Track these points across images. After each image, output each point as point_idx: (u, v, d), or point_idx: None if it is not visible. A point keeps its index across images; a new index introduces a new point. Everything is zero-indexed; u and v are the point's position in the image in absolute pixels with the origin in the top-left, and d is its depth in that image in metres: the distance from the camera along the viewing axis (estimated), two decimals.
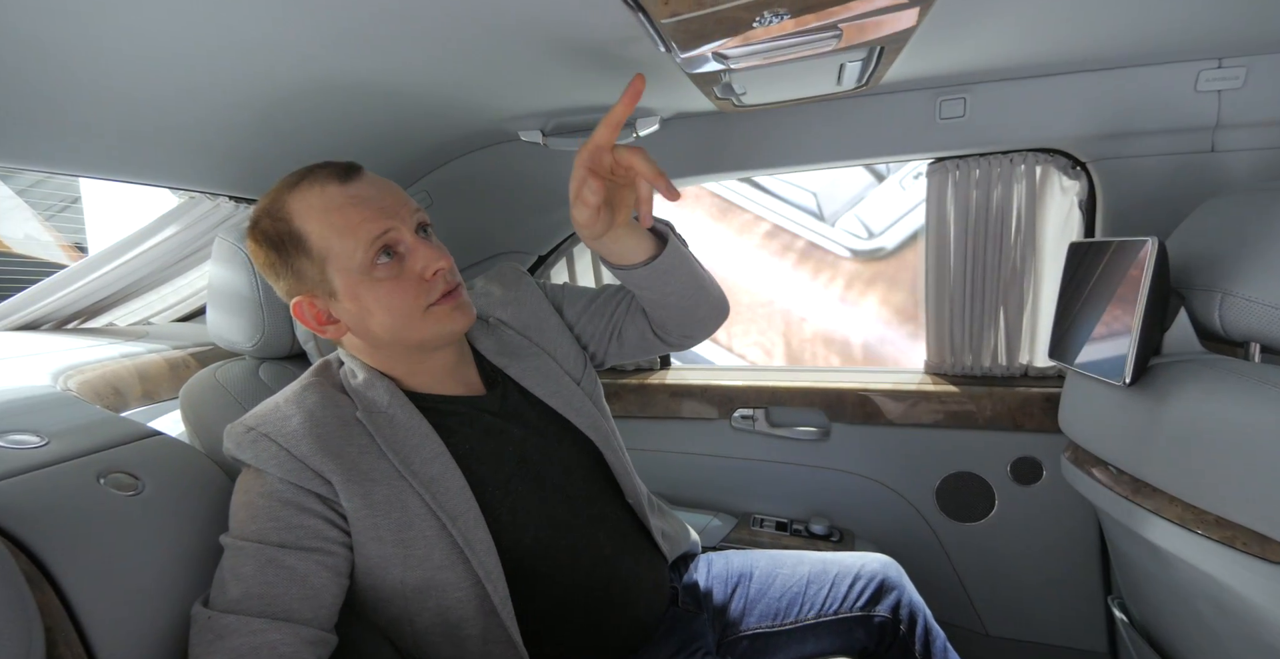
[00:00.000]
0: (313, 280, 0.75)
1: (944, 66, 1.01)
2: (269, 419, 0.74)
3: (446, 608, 0.75)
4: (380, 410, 0.78)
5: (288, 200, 0.75)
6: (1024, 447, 1.34)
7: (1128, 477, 0.91)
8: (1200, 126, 1.05)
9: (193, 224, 1.04)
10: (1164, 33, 0.91)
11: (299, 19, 0.62)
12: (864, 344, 3.70)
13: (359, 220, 0.72)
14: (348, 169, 0.76)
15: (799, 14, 0.57)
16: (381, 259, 0.73)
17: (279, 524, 0.68)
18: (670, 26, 0.56)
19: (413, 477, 0.74)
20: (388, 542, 0.73)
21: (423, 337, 0.78)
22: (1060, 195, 1.23)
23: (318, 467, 0.71)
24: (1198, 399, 0.78)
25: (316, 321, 0.78)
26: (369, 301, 0.74)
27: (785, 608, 1.03)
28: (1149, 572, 0.98)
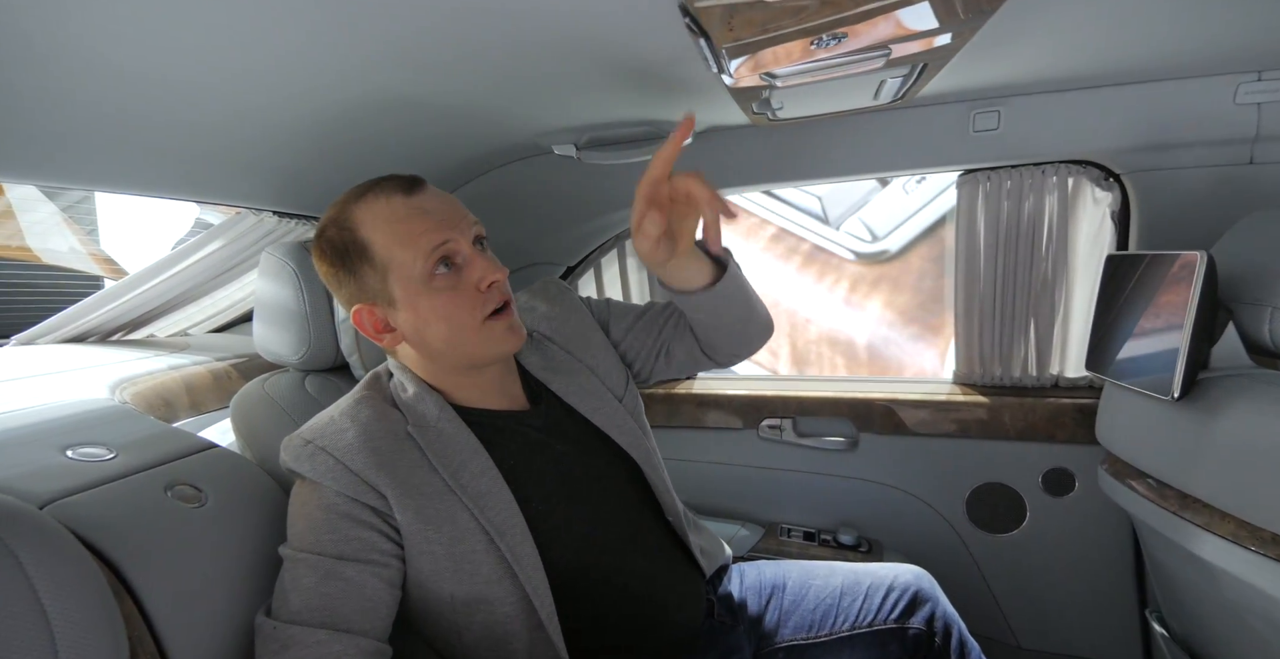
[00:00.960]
0: (374, 289, 0.77)
1: (979, 80, 1.01)
2: (325, 433, 0.75)
3: (494, 622, 0.75)
4: (430, 425, 0.78)
5: (354, 211, 0.77)
6: (1056, 457, 1.32)
7: (1174, 491, 0.90)
8: (1239, 138, 1.04)
9: (236, 239, 1.06)
10: (1203, 47, 0.90)
11: (344, 40, 0.63)
12: (868, 345, 3.72)
13: (421, 231, 0.74)
14: (412, 182, 0.78)
15: (855, 36, 0.57)
16: (440, 269, 0.75)
17: (336, 536, 0.69)
18: (730, 50, 0.56)
19: (462, 491, 0.75)
20: (439, 555, 0.73)
21: (475, 352, 0.79)
22: (1093, 206, 1.22)
23: (373, 481, 0.72)
24: (1251, 414, 0.77)
25: (374, 329, 0.79)
26: (426, 311, 0.76)
27: (820, 619, 1.02)
28: (1194, 586, 0.96)
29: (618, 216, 1.43)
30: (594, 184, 1.35)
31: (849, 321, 3.76)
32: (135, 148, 0.79)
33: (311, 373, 0.96)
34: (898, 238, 3.66)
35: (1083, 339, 1.30)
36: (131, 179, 0.85)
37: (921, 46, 0.65)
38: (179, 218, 3.25)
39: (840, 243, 3.73)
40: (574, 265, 1.57)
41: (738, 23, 0.50)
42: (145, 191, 0.90)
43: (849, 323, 3.75)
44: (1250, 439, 0.76)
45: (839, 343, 3.73)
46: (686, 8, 0.52)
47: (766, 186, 1.34)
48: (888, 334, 3.60)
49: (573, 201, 1.38)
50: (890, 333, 3.62)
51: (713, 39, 0.54)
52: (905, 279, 3.66)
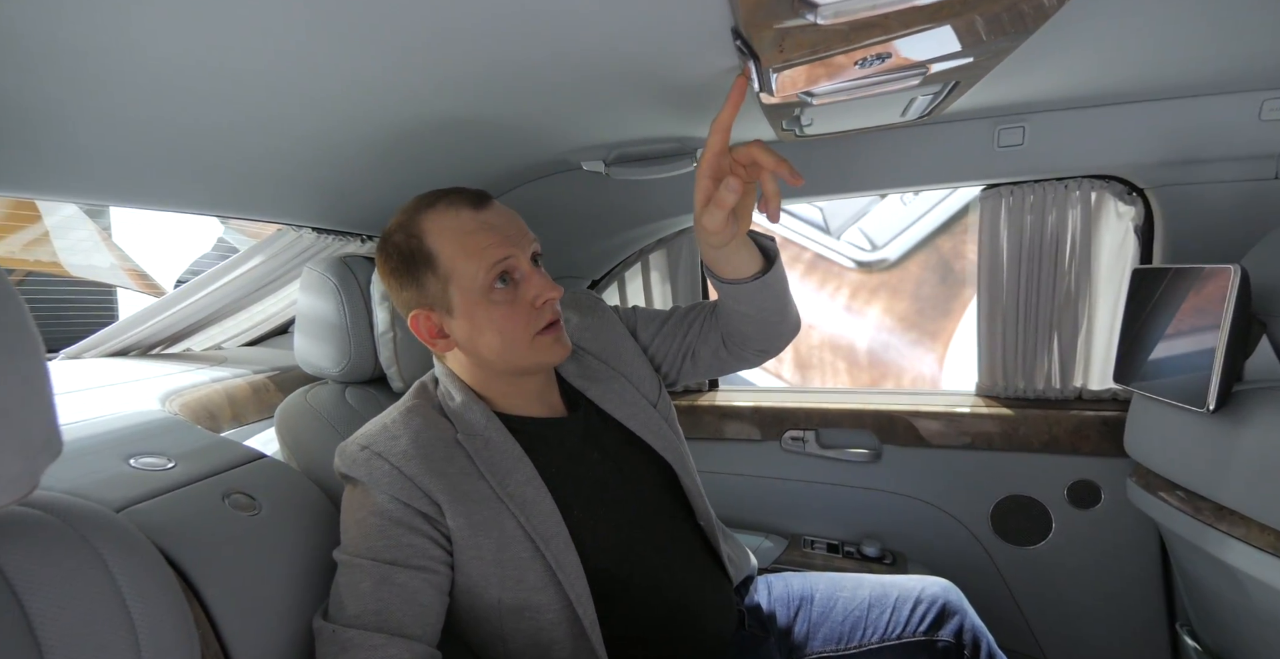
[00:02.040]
0: (434, 296, 0.79)
1: (1005, 96, 1.02)
2: (379, 439, 0.76)
3: (539, 629, 0.76)
4: (478, 433, 0.80)
5: (422, 219, 0.79)
6: (1081, 470, 1.31)
7: (1209, 503, 0.89)
8: (1264, 154, 1.04)
9: (276, 255, 1.08)
10: (1227, 64, 0.91)
11: (387, 59, 0.64)
12: (868, 350, 3.77)
13: (485, 245, 0.77)
14: (480, 196, 0.81)
15: (897, 56, 0.58)
16: (499, 284, 0.78)
17: (390, 542, 0.70)
18: (777, 70, 0.57)
19: (509, 499, 0.76)
20: (488, 561, 0.74)
21: (524, 362, 0.81)
22: (1115, 221, 1.23)
23: (425, 486, 0.73)
24: None
25: (429, 334, 0.81)
26: (482, 321, 0.78)
27: (849, 632, 1.02)
28: (1229, 598, 0.95)
29: (642, 231, 1.45)
30: (620, 199, 1.37)
31: (850, 328, 3.79)
32: (183, 165, 0.80)
33: (351, 385, 0.98)
34: (896, 247, 3.72)
35: (1106, 352, 1.30)
36: (175, 196, 0.87)
37: (958, 64, 0.66)
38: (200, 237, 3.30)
39: (841, 252, 3.80)
40: (598, 279, 1.58)
41: (789, 45, 0.52)
42: (188, 209, 0.92)
43: (850, 329, 3.78)
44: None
45: (840, 348, 3.78)
46: (739, 31, 0.53)
47: (792, 202, 1.35)
48: (887, 340, 3.64)
49: (599, 216, 1.40)
50: (890, 338, 3.65)
51: (762, 61, 0.55)
52: (904, 287, 3.71)
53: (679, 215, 1.39)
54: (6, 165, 0.69)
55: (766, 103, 0.79)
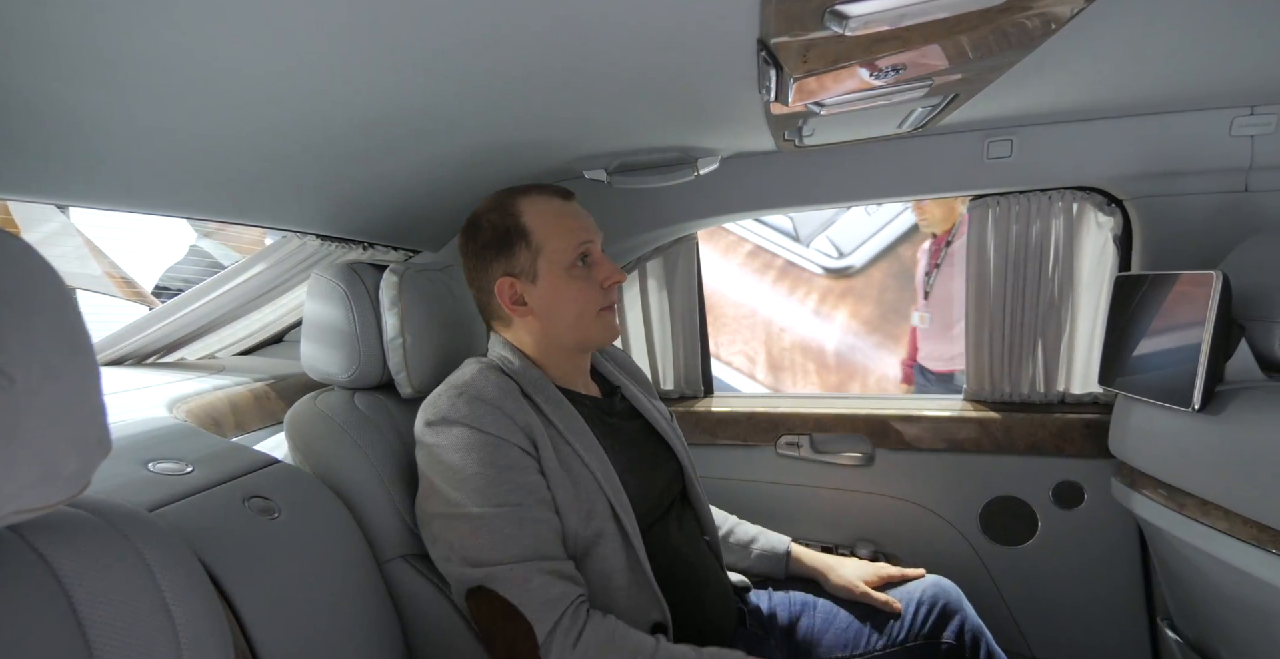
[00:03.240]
0: (522, 266, 0.90)
1: (995, 111, 1.06)
2: (470, 387, 0.84)
3: (604, 557, 0.83)
4: (540, 390, 0.89)
5: (518, 202, 0.91)
6: (1066, 471, 1.35)
7: (1194, 498, 0.93)
8: (1235, 168, 1.09)
9: (278, 262, 1.07)
10: (1200, 82, 0.95)
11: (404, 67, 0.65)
12: (835, 352, 3.91)
13: (574, 228, 0.90)
14: (567, 192, 0.95)
15: (911, 68, 0.61)
16: (579, 262, 0.90)
17: (512, 486, 0.79)
18: (797, 81, 0.59)
19: (574, 442, 0.86)
20: (569, 492, 0.83)
21: (588, 334, 0.92)
22: (1096, 231, 1.27)
23: (523, 423, 0.82)
24: (1267, 422, 0.80)
25: (510, 301, 0.91)
26: (563, 292, 0.90)
27: (854, 637, 1.03)
28: (1211, 591, 0.98)
29: (641, 239, 1.46)
30: (619, 208, 1.38)
31: (818, 331, 4.00)
32: (189, 171, 0.80)
33: (359, 391, 0.97)
34: (862, 255, 3.90)
35: (1087, 357, 1.35)
36: (178, 201, 0.86)
37: (962, 77, 0.69)
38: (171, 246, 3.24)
39: (810, 259, 3.96)
40: None
41: (813, 56, 0.54)
42: (190, 214, 0.91)
43: (818, 332, 4.00)
44: (1267, 446, 0.80)
45: (810, 350, 4.00)
46: (765, 41, 0.55)
47: (788, 210, 1.38)
48: (853, 342, 3.84)
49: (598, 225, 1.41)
50: (856, 341, 3.85)
51: (785, 71, 0.57)
52: (869, 292, 3.87)
53: (678, 224, 1.41)
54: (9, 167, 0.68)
55: (777, 113, 0.82)
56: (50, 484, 0.36)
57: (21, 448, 0.34)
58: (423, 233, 1.28)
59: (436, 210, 1.20)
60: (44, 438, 0.35)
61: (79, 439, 0.37)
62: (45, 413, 0.35)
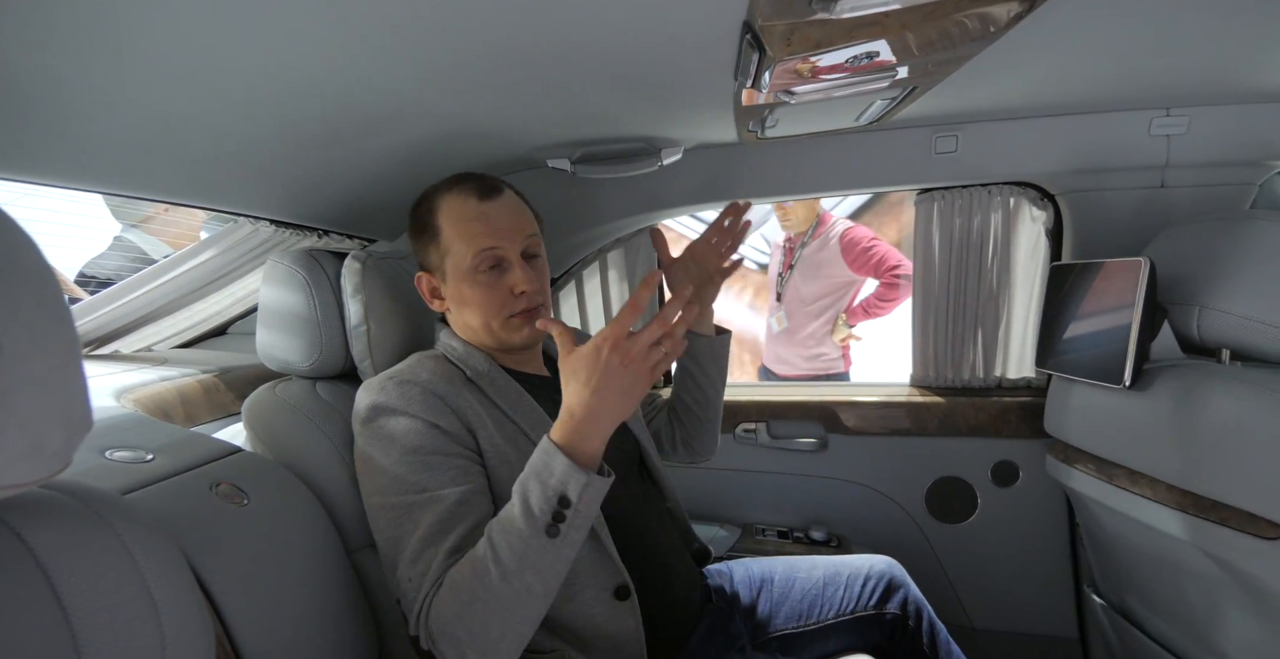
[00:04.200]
0: (434, 264, 0.90)
1: (943, 107, 1.11)
2: (403, 372, 0.82)
3: None
4: (484, 374, 0.88)
5: (439, 198, 0.89)
6: (1003, 451, 1.43)
7: (1123, 469, 1.00)
8: (1153, 165, 1.18)
9: (229, 249, 1.01)
10: (1124, 84, 1.03)
11: (368, 48, 0.63)
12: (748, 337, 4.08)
13: (477, 233, 0.86)
14: (492, 188, 0.89)
15: (884, 54, 0.63)
16: (484, 267, 0.86)
17: (437, 472, 0.76)
18: (777, 65, 0.60)
19: (522, 420, 0.86)
20: (514, 468, 0.78)
21: (499, 338, 0.90)
22: (1030, 224, 1.35)
23: (456, 406, 0.81)
24: (1189, 397, 0.87)
25: (429, 294, 0.92)
26: (466, 296, 0.87)
27: (808, 609, 1.07)
28: (1136, 555, 1.06)
29: (602, 230, 1.46)
30: (582, 198, 1.38)
31: (753, 324, 4.13)
32: (141, 148, 0.75)
33: (321, 380, 0.93)
34: None
35: (1022, 343, 1.43)
36: (131, 180, 0.81)
37: (926, 67, 0.72)
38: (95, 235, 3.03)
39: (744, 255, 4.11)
40: (556, 278, 1.58)
41: (796, 39, 0.55)
42: (144, 193, 0.86)
43: (753, 325, 4.13)
44: (1190, 419, 0.87)
45: (745, 342, 4.14)
46: (751, 24, 0.56)
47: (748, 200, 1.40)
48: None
49: (560, 215, 1.40)
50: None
51: (768, 55, 0.58)
52: None
53: (641, 214, 1.41)
54: None
55: (747, 103, 0.83)
56: (37, 459, 0.34)
57: (10, 417, 0.32)
58: (379, 221, 1.24)
59: (395, 198, 1.16)
60: (32, 409, 0.33)
61: (65, 413, 0.35)
62: (33, 383, 0.33)
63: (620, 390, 0.68)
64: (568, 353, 0.71)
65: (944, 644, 1.05)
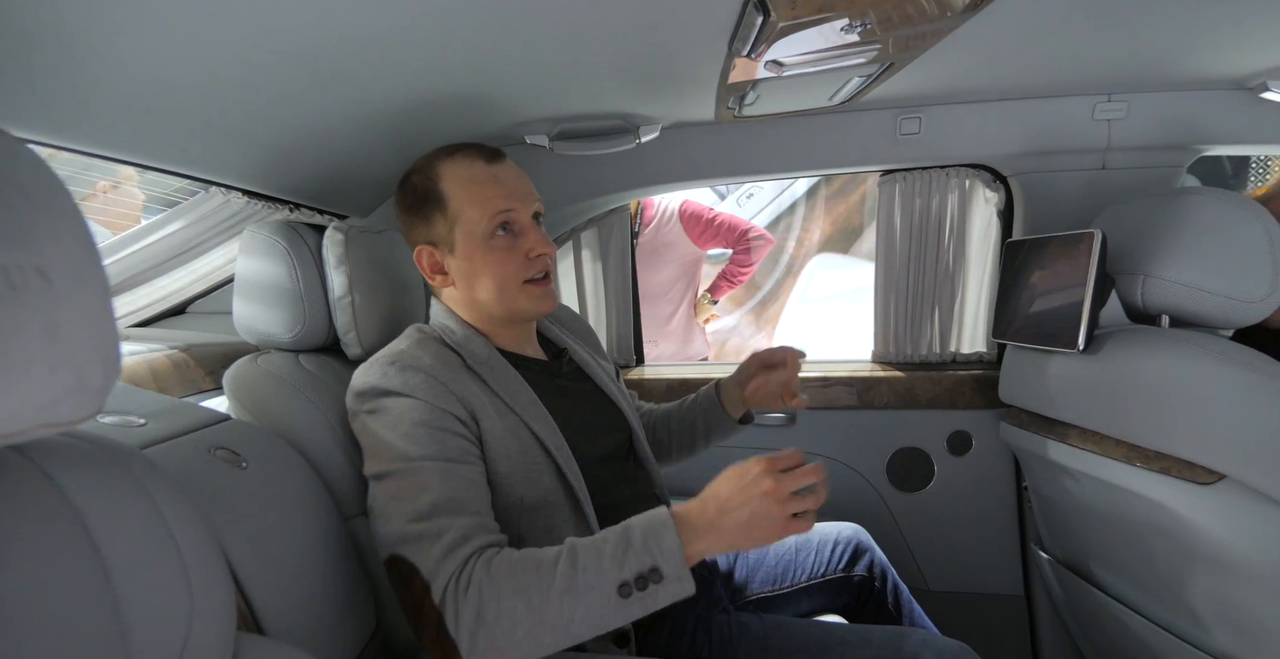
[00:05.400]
0: (440, 234, 0.85)
1: (907, 89, 1.15)
2: (404, 356, 0.80)
3: (553, 526, 0.82)
4: (483, 361, 0.86)
5: (441, 165, 0.86)
6: (958, 422, 1.50)
7: (1075, 429, 1.07)
8: (1095, 148, 1.26)
9: (199, 220, 0.96)
10: (1071, 69, 1.09)
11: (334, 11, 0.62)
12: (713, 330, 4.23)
13: (491, 196, 0.84)
14: (495, 153, 0.88)
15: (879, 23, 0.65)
16: (499, 232, 0.84)
17: (442, 446, 0.74)
18: (781, 30, 0.62)
19: (522, 411, 0.83)
20: (514, 461, 0.80)
21: (513, 307, 0.87)
22: (984, 205, 1.42)
23: (459, 392, 0.79)
24: (1135, 359, 0.94)
25: (431, 269, 0.88)
26: (480, 264, 0.85)
27: (782, 573, 1.12)
28: (1082, 511, 1.14)
29: (577, 208, 1.46)
30: (560, 175, 1.37)
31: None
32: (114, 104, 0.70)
33: (303, 352, 0.90)
34: None
35: (975, 320, 1.50)
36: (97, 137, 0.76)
37: (904, 42, 0.75)
38: None
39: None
40: None
41: (802, 3, 0.56)
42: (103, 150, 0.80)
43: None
44: (1135, 378, 0.94)
45: None
46: None
47: (724, 181, 1.43)
48: (726, 321, 4.12)
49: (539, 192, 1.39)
50: (729, 320, 4.15)
51: (772, 17, 0.59)
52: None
53: (617, 192, 1.41)
54: None
55: (733, 79, 0.85)
56: (81, 397, 0.33)
57: (61, 354, 0.31)
58: (353, 196, 1.20)
59: (367, 171, 1.13)
60: (78, 346, 0.32)
61: (103, 352, 0.34)
62: (79, 320, 0.32)
63: (750, 514, 0.66)
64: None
65: (906, 603, 1.11)
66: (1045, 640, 1.45)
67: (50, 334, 0.32)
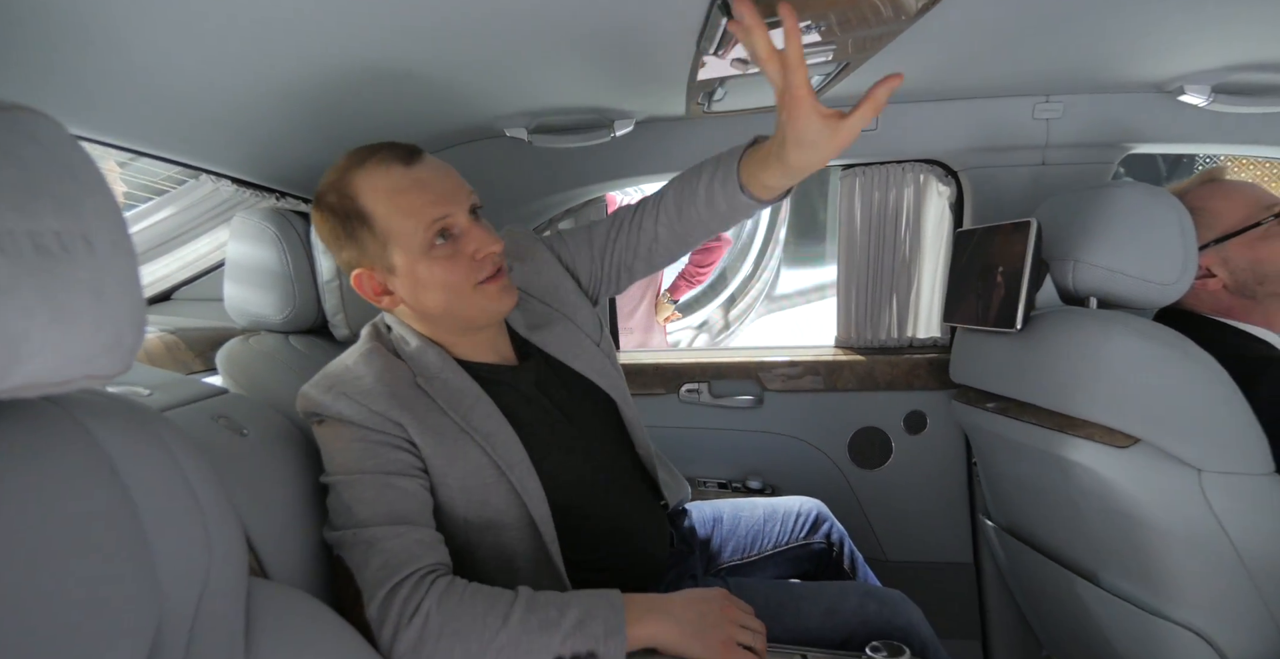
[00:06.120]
0: (374, 255, 0.78)
1: (864, 87, 1.21)
2: (343, 379, 0.78)
3: (503, 544, 0.82)
4: (435, 375, 0.82)
5: (354, 178, 0.77)
6: (913, 403, 1.58)
7: (1014, 402, 1.15)
8: (1036, 145, 1.35)
9: (189, 207, 0.99)
10: (1014, 72, 1.17)
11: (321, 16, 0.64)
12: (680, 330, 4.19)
13: (421, 204, 0.75)
14: (411, 151, 0.78)
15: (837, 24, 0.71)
16: (439, 240, 0.77)
17: (380, 460, 0.74)
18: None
19: (474, 431, 0.80)
20: (454, 488, 0.78)
21: (471, 313, 0.82)
22: (937, 198, 1.50)
23: (395, 417, 0.76)
24: (1064, 337, 1.03)
25: (374, 293, 0.81)
26: (425, 278, 0.77)
27: (750, 543, 1.19)
28: (1023, 480, 1.23)
29: (555, 199, 1.50)
30: (538, 167, 1.41)
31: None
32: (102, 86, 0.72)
33: (292, 334, 0.94)
34: None
35: (930, 306, 1.59)
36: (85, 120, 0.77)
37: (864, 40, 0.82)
38: None
39: None
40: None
41: (763, 5, 0.62)
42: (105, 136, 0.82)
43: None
44: (1065, 355, 1.02)
45: None
46: None
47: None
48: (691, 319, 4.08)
49: (517, 184, 1.43)
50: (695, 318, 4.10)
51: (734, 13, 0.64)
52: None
53: (593, 184, 1.46)
54: None
55: (703, 76, 0.90)
56: (116, 353, 0.37)
57: (103, 312, 0.35)
58: None
59: None
60: (116, 306, 0.36)
61: (135, 314, 0.38)
62: (117, 283, 0.36)
63: (700, 614, 0.71)
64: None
65: (861, 568, 1.19)
66: (991, 603, 1.55)
67: (96, 294, 0.35)
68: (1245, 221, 1.04)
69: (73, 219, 0.36)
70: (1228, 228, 1.05)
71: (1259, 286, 1.04)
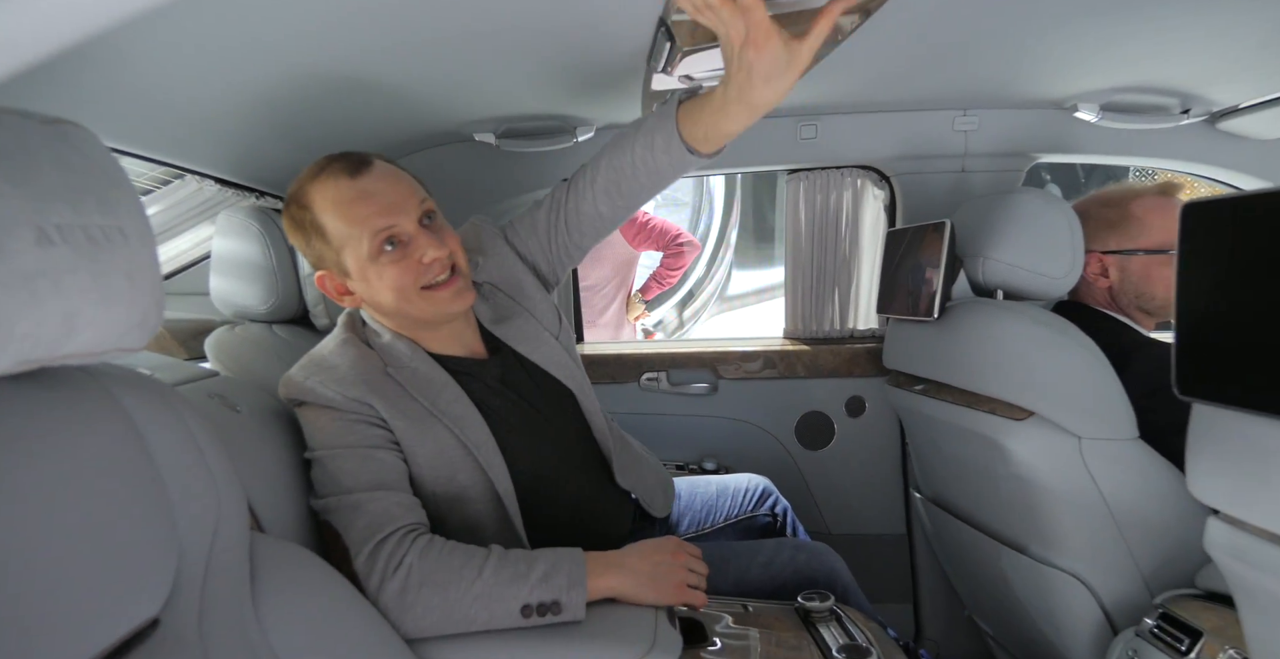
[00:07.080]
0: (330, 260, 0.84)
1: (804, 100, 1.32)
2: (318, 369, 0.84)
3: (470, 516, 0.89)
4: (405, 365, 0.88)
5: (310, 189, 0.82)
6: (854, 389, 1.70)
7: (934, 383, 1.27)
8: (956, 154, 1.48)
9: (173, 206, 1.02)
10: (935, 87, 1.29)
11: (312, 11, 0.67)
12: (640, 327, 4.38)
13: (365, 215, 0.80)
14: (359, 163, 0.82)
15: None
16: (386, 248, 0.81)
17: (358, 436, 0.81)
18: (685, 53, 0.76)
19: (442, 415, 0.86)
20: (422, 466, 0.85)
21: (422, 315, 0.86)
22: (873, 201, 1.62)
23: (367, 401, 0.82)
24: (973, 324, 1.15)
25: (336, 292, 0.87)
26: (375, 282, 0.83)
27: (705, 516, 1.28)
28: (945, 454, 1.35)
29: (523, 200, 1.57)
30: (505, 170, 1.48)
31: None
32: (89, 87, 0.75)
33: (275, 323, 0.99)
34: None
35: (868, 300, 1.71)
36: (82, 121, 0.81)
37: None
38: None
39: None
40: None
41: (699, 33, 0.70)
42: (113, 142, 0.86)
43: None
44: (975, 340, 1.14)
45: None
46: (665, 20, 0.71)
47: None
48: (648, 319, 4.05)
49: (485, 187, 1.50)
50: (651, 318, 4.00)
51: (677, 43, 0.73)
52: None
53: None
54: None
55: (656, 87, 0.99)
56: (141, 329, 0.43)
57: (135, 291, 0.41)
58: None
59: None
60: (144, 289, 0.42)
61: (156, 297, 0.44)
62: (143, 269, 0.42)
63: (654, 565, 0.79)
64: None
65: (800, 534, 1.29)
66: (922, 569, 1.69)
67: (130, 278, 0.42)
68: (1162, 246, 1.13)
69: (111, 215, 0.42)
70: (1146, 245, 1.14)
71: (1135, 299, 1.17)
